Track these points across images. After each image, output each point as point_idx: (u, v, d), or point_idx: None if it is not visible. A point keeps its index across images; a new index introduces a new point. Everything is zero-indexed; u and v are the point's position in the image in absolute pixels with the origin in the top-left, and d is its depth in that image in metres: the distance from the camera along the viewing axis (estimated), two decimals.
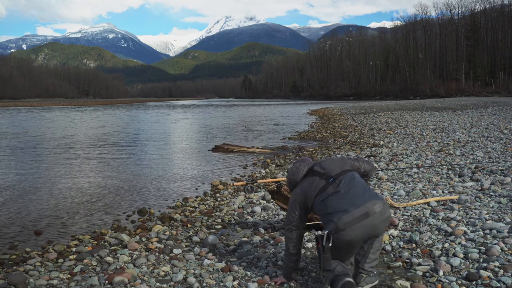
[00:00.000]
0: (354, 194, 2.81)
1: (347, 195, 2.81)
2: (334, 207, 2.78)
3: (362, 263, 2.94)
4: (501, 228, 3.82)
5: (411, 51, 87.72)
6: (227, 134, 18.40)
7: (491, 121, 16.22)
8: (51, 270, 3.62)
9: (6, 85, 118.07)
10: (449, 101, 42.07)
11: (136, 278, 3.32)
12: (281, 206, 4.43)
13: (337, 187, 2.87)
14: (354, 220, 2.70)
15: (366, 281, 2.94)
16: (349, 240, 2.73)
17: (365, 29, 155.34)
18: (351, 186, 2.87)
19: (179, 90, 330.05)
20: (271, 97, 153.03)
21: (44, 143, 14.90)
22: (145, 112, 44.89)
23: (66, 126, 23.62)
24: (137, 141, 15.84)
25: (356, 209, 2.72)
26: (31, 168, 9.60)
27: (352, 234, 2.70)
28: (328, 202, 2.83)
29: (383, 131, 15.22)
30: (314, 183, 2.98)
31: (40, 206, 6.22)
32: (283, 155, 10.81)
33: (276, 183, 4.43)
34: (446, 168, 7.13)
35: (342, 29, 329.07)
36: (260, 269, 3.38)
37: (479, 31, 74.31)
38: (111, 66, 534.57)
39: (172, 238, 4.45)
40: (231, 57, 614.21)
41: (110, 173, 8.91)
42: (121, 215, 5.73)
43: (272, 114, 37.00)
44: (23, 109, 52.85)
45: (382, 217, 2.79)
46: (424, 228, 4.14)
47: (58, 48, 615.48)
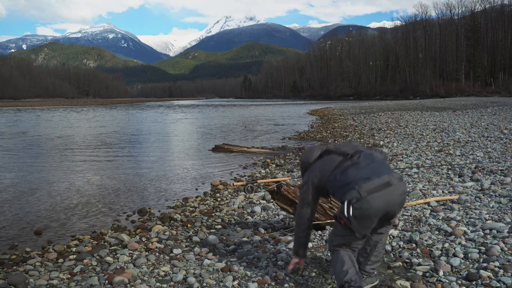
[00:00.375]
0: (374, 166, 2.78)
1: (367, 166, 2.77)
2: (354, 176, 2.73)
3: (363, 265, 2.95)
4: (501, 228, 3.82)
5: (411, 51, 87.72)
6: (227, 134, 18.40)
7: (491, 121, 16.22)
8: (51, 270, 3.62)
9: (6, 85, 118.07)
10: (449, 101, 42.06)
11: (136, 278, 3.32)
12: (281, 206, 4.43)
13: (356, 160, 2.83)
14: (376, 188, 2.64)
15: (366, 281, 2.95)
16: (370, 209, 2.63)
17: (365, 29, 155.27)
18: (370, 160, 2.83)
19: (179, 90, 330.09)
20: (271, 97, 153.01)
21: (44, 143, 14.90)
22: (145, 112, 44.88)
23: (66, 126, 23.62)
24: (137, 141, 15.84)
25: (378, 178, 2.67)
26: (31, 168, 9.60)
27: (373, 203, 2.62)
28: (348, 172, 2.78)
29: (383, 131, 15.22)
30: (331, 159, 2.94)
31: (40, 206, 6.22)
32: (283, 155, 10.81)
33: (276, 183, 4.43)
34: (446, 168, 7.13)
35: (342, 29, 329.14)
36: (260, 269, 3.38)
37: (479, 31, 74.30)
38: (111, 66, 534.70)
39: (172, 238, 4.45)
40: (231, 57, 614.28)
41: (110, 173, 8.91)
42: (121, 215, 5.73)
43: (272, 114, 36.99)
44: (22, 109, 52.84)
45: (401, 190, 2.74)
46: (424, 228, 4.14)
47: (58, 48, 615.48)
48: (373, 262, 2.95)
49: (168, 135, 18.55)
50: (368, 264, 2.95)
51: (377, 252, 2.95)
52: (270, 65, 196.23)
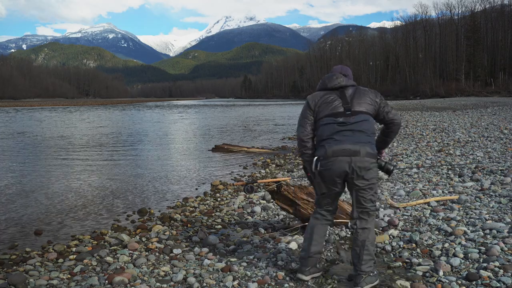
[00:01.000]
0: (355, 133, 2.86)
1: (348, 131, 2.87)
2: (330, 134, 2.89)
3: (359, 266, 2.96)
4: (501, 228, 3.82)
5: (411, 51, 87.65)
6: (227, 134, 18.40)
7: (491, 121, 16.22)
8: (51, 270, 3.62)
9: (6, 85, 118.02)
10: (449, 101, 42.06)
11: (136, 278, 3.32)
12: (281, 206, 4.43)
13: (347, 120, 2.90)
14: (341, 152, 2.81)
15: (366, 281, 2.95)
16: (331, 170, 2.85)
17: (365, 29, 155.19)
18: (357, 126, 2.89)
19: (179, 90, 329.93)
20: (271, 97, 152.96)
21: (43, 143, 14.89)
22: (145, 112, 44.88)
23: (66, 127, 23.61)
24: (137, 141, 15.84)
25: (348, 144, 2.82)
26: (31, 168, 9.60)
27: (337, 164, 2.83)
28: (330, 128, 2.90)
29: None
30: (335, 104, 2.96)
31: (40, 206, 6.22)
32: (283, 155, 10.81)
33: (276, 183, 4.43)
34: (446, 168, 7.13)
35: (342, 29, 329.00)
36: (260, 269, 3.37)
37: (479, 31, 74.23)
38: (111, 66, 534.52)
39: (172, 238, 4.45)
40: (231, 57, 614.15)
41: (110, 173, 8.91)
42: (121, 215, 5.73)
43: (272, 114, 36.99)
44: (19, 109, 52.84)
45: (365, 164, 2.82)
46: (424, 228, 4.14)
47: (58, 48, 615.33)
48: (366, 260, 2.96)
49: (168, 135, 18.55)
50: (363, 264, 2.96)
51: (368, 251, 2.96)
52: (270, 65, 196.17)
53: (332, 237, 4.05)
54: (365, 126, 2.91)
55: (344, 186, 3.00)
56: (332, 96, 3.01)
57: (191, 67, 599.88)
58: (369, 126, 2.94)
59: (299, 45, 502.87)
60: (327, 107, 2.97)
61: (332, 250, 3.79)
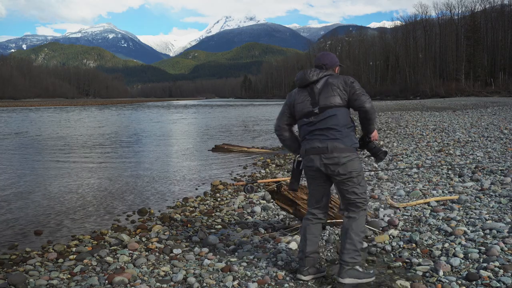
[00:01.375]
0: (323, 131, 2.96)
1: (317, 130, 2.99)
2: (304, 135, 3.10)
3: (341, 255, 2.99)
4: (501, 228, 3.82)
5: (411, 51, 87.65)
6: (227, 134, 18.40)
7: (491, 121, 16.22)
8: (51, 270, 3.62)
9: (6, 85, 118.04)
10: (449, 101, 42.07)
11: (136, 278, 3.32)
12: (281, 206, 4.43)
13: (315, 118, 3.01)
14: (312, 150, 2.99)
15: (348, 273, 2.94)
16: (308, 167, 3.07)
17: (365, 29, 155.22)
18: (326, 122, 2.96)
19: (179, 90, 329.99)
20: (271, 97, 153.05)
21: (43, 143, 14.90)
22: (145, 112, 44.88)
23: (66, 127, 23.62)
24: (137, 141, 15.84)
25: (317, 142, 2.96)
26: (31, 168, 9.60)
27: (310, 162, 3.02)
28: (304, 129, 3.09)
29: (383, 131, 15.22)
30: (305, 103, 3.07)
31: (40, 206, 6.22)
32: (283, 155, 10.81)
33: (276, 183, 4.43)
34: (446, 168, 7.13)
35: (342, 29, 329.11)
36: (260, 269, 3.37)
37: (479, 31, 74.24)
38: (111, 66, 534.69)
39: (172, 238, 4.45)
40: (231, 57, 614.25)
41: (110, 173, 8.91)
42: (121, 215, 5.73)
43: (272, 114, 36.97)
44: (16, 109, 52.84)
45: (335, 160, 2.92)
46: (424, 228, 4.14)
47: (58, 48, 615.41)
48: (348, 250, 2.94)
49: (168, 135, 18.55)
50: (344, 253, 2.95)
51: (350, 240, 2.95)
52: (270, 65, 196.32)
53: (332, 237, 4.04)
54: (333, 122, 2.96)
55: (327, 182, 3.11)
56: (303, 95, 3.12)
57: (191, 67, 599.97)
58: (338, 121, 2.96)
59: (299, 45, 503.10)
60: (299, 107, 3.11)
61: (332, 250, 3.78)
